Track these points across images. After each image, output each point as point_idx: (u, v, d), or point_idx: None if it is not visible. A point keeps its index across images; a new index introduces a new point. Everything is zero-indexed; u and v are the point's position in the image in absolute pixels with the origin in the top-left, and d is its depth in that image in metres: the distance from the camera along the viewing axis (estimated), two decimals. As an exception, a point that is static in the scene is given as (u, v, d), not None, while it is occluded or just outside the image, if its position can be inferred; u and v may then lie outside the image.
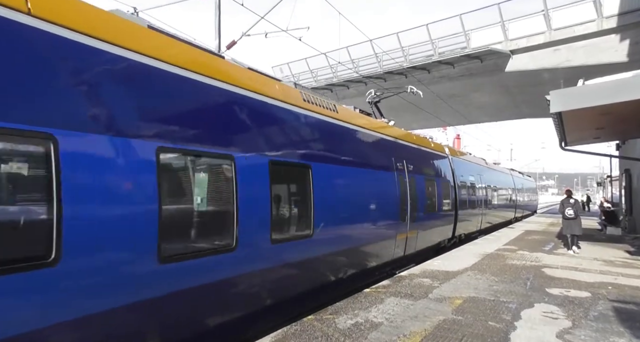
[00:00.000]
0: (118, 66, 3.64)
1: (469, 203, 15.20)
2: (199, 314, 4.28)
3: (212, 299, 4.36)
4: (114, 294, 3.40)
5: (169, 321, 3.96)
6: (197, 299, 4.17)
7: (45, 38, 3.13)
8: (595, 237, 15.53)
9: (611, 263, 9.57)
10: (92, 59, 3.45)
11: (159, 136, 3.81)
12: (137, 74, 3.80)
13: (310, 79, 26.21)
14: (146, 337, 3.79)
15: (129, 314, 3.54)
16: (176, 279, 3.89)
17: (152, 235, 3.64)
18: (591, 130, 11.02)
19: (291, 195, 6.13)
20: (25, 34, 3.00)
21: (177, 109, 4.18)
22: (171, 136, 3.93)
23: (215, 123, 4.59)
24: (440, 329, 4.76)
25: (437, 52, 21.43)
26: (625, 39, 15.93)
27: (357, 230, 7.40)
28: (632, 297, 6.42)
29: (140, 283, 3.60)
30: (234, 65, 5.38)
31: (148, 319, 3.76)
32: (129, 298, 3.51)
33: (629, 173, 19.55)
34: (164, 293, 3.80)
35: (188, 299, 4.06)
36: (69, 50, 3.29)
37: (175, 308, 3.98)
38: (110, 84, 3.54)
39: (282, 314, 5.61)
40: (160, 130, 3.87)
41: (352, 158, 7.41)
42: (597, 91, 7.45)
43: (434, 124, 34.30)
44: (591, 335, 4.65)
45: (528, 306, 5.82)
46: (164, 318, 3.90)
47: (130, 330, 3.63)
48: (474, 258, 9.90)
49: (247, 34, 13.63)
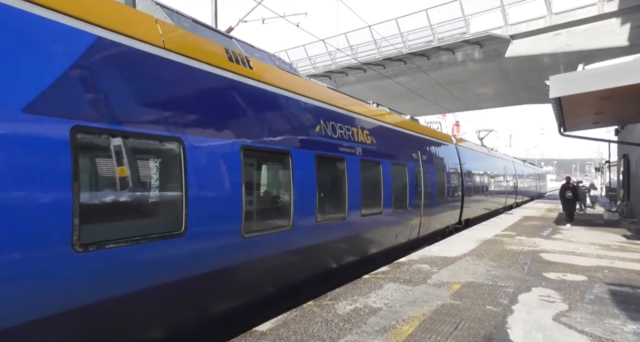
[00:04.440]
0: (232, 91, 4.90)
1: (474, 189, 16.37)
2: (268, 276, 5.38)
3: (283, 265, 5.65)
4: (220, 256, 4.52)
5: (252, 281, 5.13)
6: (269, 264, 5.34)
7: (199, 74, 4.50)
8: (592, 222, 15.64)
9: (608, 247, 9.66)
10: (219, 86, 4.73)
11: (243, 137, 4.86)
12: (242, 95, 5.03)
13: (308, 66, 25.99)
14: (237, 289, 4.94)
15: (229, 273, 4.67)
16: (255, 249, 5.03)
17: (238, 214, 4.70)
18: (590, 116, 10.99)
19: (333, 184, 7.05)
20: (183, 70, 4.31)
21: (260, 118, 5.28)
22: (251, 137, 5.00)
23: (280, 126, 5.64)
24: (438, 313, 4.83)
25: (437, 38, 21.21)
26: (626, 22, 15.77)
27: (382, 214, 8.39)
28: (628, 280, 6.50)
29: (231, 250, 4.68)
30: (313, 84, 7.02)
31: (238, 277, 4.88)
32: (228, 262, 4.63)
33: (627, 158, 19.59)
34: (247, 259, 4.92)
35: (263, 264, 5.25)
36: (211, 82, 4.64)
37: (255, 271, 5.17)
38: (219, 104, 4.67)
39: (331, 280, 6.82)
40: (245, 133, 4.92)
41: (380, 151, 8.46)
42: (597, 76, 7.41)
43: (433, 110, 34.19)
44: (587, 317, 4.72)
45: (525, 290, 5.89)
46: (247, 279, 5.07)
47: (228, 287, 4.75)
48: (473, 244, 9.98)
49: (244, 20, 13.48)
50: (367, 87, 24.53)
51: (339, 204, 6.91)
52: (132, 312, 3.67)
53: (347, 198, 6.94)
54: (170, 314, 4.09)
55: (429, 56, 21.71)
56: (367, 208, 7.66)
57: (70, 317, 3.14)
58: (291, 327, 4.34)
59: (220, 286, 4.62)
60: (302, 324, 4.43)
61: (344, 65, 24.63)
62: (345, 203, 6.92)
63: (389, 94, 25.14)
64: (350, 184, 7.04)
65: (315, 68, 25.62)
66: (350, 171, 7.06)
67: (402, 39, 22.26)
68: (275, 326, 4.38)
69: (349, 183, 7.00)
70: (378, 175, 8.25)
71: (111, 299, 3.42)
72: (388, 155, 8.88)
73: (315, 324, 4.43)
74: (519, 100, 29.10)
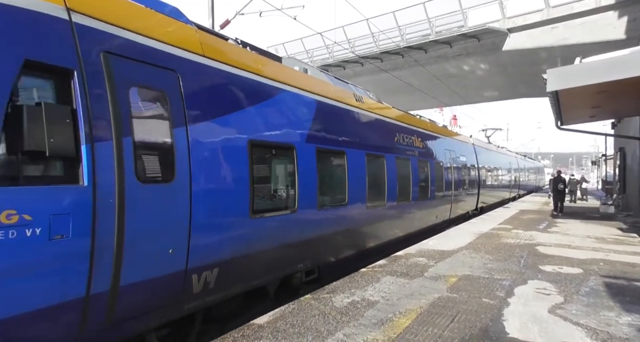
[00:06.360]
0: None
1: (488, 182, 19.37)
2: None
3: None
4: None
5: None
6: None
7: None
8: (588, 215, 15.73)
9: (603, 240, 9.73)
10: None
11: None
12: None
13: (305, 59, 25.83)
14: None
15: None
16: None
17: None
18: (587, 109, 11.00)
19: (416, 178, 10.22)
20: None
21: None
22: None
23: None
24: (435, 306, 4.86)
25: (434, 32, 21.13)
26: (623, 15, 15.75)
27: (430, 199, 11.42)
28: (623, 272, 6.55)
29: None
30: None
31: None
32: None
33: (623, 152, 19.67)
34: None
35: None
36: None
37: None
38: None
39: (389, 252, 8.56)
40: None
41: (427, 153, 11.31)
42: (594, 69, 7.39)
43: (431, 104, 34.12)
44: (582, 309, 4.76)
45: (522, 282, 5.93)
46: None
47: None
48: (469, 237, 10.03)
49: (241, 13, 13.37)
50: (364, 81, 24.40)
51: (423, 190, 10.84)
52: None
53: (431, 186, 11.28)
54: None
55: (427, 50, 21.63)
56: (425, 193, 10.97)
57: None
58: (289, 320, 4.36)
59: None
60: (300, 317, 4.45)
61: (342, 59, 24.52)
62: (429, 189, 11.19)
63: (386, 87, 25.07)
64: (414, 177, 10.04)
65: (312, 61, 25.48)
66: (414, 169, 10.07)
67: (400, 32, 22.16)
68: (272, 318, 4.40)
69: (414, 177, 10.09)
70: (428, 171, 11.08)
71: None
72: (431, 155, 11.61)
73: (313, 317, 4.45)
74: (517, 93, 29.10)
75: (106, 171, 3.18)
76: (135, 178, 3.41)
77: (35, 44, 2.92)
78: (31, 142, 2.77)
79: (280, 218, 5.35)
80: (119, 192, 3.26)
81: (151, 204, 3.53)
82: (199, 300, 4.19)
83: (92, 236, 3.07)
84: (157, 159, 3.67)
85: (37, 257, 2.79)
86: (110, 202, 3.20)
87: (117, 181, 3.25)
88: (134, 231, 3.36)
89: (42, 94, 3.04)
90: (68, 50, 3.09)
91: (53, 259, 2.88)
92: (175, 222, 3.77)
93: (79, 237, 3.01)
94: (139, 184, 3.44)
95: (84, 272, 3.05)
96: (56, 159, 2.99)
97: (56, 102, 3.05)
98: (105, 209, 3.16)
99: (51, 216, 2.84)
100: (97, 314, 3.18)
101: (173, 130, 3.81)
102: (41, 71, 2.99)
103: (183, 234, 3.83)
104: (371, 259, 7.82)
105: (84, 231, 3.03)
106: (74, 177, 3.05)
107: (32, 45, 2.90)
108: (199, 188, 4.00)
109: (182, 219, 3.81)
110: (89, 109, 3.12)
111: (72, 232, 2.96)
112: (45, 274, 2.86)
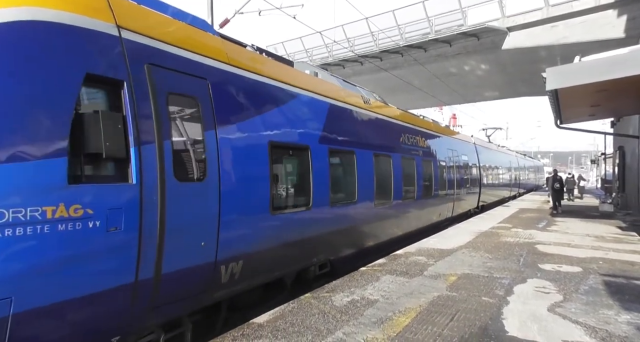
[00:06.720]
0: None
1: (489, 180, 19.67)
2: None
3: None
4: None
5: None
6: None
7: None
8: (587, 213, 15.75)
9: (603, 239, 9.74)
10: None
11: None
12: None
13: (305, 58, 25.82)
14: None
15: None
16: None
17: (370, 193, 7.81)
18: (587, 108, 11.01)
19: (419, 176, 10.55)
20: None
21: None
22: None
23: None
24: (434, 305, 4.87)
25: (434, 30, 21.11)
26: (622, 14, 15.74)
27: (433, 197, 11.69)
28: (622, 271, 6.57)
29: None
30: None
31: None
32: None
33: (622, 150, 19.68)
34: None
35: None
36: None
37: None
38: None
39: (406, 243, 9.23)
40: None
41: (431, 153, 11.66)
42: (594, 68, 7.40)
43: (430, 103, 34.13)
44: (581, 308, 4.77)
45: (521, 281, 5.94)
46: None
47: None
48: (469, 236, 10.03)
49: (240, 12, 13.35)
50: (364, 80, 24.39)
51: (427, 188, 11.18)
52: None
53: (435, 185, 11.61)
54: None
55: (426, 48, 21.61)
56: (429, 192, 11.26)
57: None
58: (288, 319, 4.37)
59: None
60: (300, 316, 4.46)
61: (341, 58, 24.49)
62: (433, 188, 11.49)
63: (386, 86, 25.05)
64: (418, 176, 10.40)
65: (312, 60, 25.46)
66: (419, 168, 10.37)
67: (399, 31, 22.14)
68: (272, 317, 4.40)
69: (419, 176, 10.43)
70: (431, 170, 11.46)
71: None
72: (435, 155, 11.96)
73: (313, 316, 4.46)
74: (516, 92, 29.09)
75: (150, 170, 3.56)
76: (174, 177, 3.77)
77: (94, 59, 3.34)
78: (92, 145, 3.18)
79: (297, 214, 5.73)
80: (160, 189, 3.62)
81: (187, 200, 3.90)
82: (226, 289, 4.57)
83: (140, 229, 3.45)
84: (192, 160, 4.07)
85: (99, 246, 3.19)
86: (154, 199, 3.57)
87: (159, 180, 3.62)
88: (173, 225, 3.72)
89: (99, 103, 3.45)
90: (119, 64, 3.49)
91: (110, 249, 3.27)
92: (207, 218, 4.13)
93: (130, 230, 3.39)
94: (177, 182, 3.80)
95: (133, 261, 3.45)
96: (111, 160, 3.38)
97: (110, 110, 3.44)
98: (150, 205, 3.53)
99: (108, 210, 3.23)
100: (143, 298, 3.59)
101: (204, 133, 4.19)
102: (98, 83, 3.39)
103: (213, 229, 4.19)
104: (371, 258, 7.83)
105: (133, 224, 3.41)
106: (124, 177, 3.44)
107: (91, 60, 3.31)
108: (227, 186, 4.36)
109: (212, 214, 4.18)
110: (136, 115, 3.52)
111: (124, 225, 3.34)
112: (105, 262, 3.25)
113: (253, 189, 4.84)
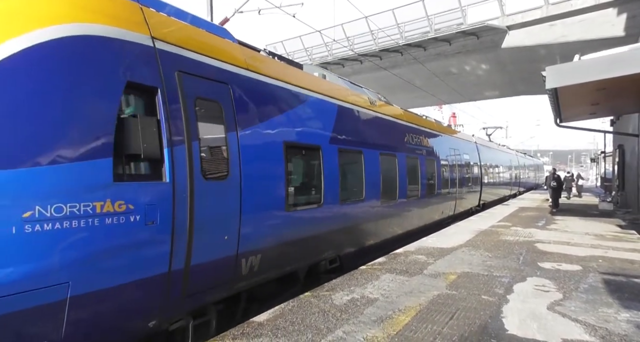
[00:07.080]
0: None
1: (489, 179, 19.95)
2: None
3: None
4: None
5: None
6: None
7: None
8: (587, 212, 15.76)
9: (602, 237, 9.75)
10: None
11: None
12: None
13: (304, 57, 25.80)
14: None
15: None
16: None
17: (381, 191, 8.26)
18: (586, 106, 11.01)
19: (425, 175, 10.96)
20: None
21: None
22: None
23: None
24: (434, 303, 4.88)
25: (433, 29, 21.08)
26: (622, 13, 15.72)
27: (436, 196, 12.00)
28: (622, 269, 6.57)
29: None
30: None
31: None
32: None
33: (622, 149, 19.67)
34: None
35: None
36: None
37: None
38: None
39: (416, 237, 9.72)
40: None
41: (434, 152, 11.92)
42: (593, 66, 7.39)
43: (430, 102, 34.12)
44: (581, 306, 4.78)
45: (520, 280, 5.95)
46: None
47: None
48: (469, 235, 10.04)
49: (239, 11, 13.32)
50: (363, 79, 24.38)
51: (431, 187, 11.51)
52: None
53: (438, 183, 11.97)
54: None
55: (426, 47, 21.59)
56: (432, 190, 11.64)
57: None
58: (288, 317, 4.37)
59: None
60: (299, 314, 4.47)
61: (341, 57, 24.46)
62: (436, 186, 11.87)
63: (385, 85, 25.03)
64: (422, 175, 10.70)
65: (311, 59, 25.44)
66: (422, 167, 10.72)
67: (399, 30, 22.12)
68: (272, 316, 4.41)
69: (423, 175, 10.73)
70: (434, 169, 11.79)
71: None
72: (437, 154, 12.26)
73: (312, 314, 4.47)
74: (516, 91, 29.08)
75: (181, 169, 3.87)
76: (201, 176, 4.08)
77: (134, 69, 3.65)
78: (132, 146, 3.48)
79: (309, 211, 6.07)
80: (190, 187, 3.92)
81: (212, 197, 4.21)
82: (246, 281, 4.87)
83: (172, 224, 3.76)
84: (216, 160, 4.38)
85: (139, 238, 3.52)
86: (184, 196, 3.88)
87: (188, 178, 3.92)
88: (201, 220, 4.03)
89: (138, 108, 3.75)
90: (154, 72, 3.81)
91: (148, 241, 3.60)
92: (229, 213, 4.45)
93: (164, 224, 3.71)
94: (204, 180, 4.11)
95: (167, 252, 3.77)
96: (148, 160, 3.69)
97: (146, 114, 3.74)
98: (181, 201, 3.85)
99: (146, 206, 3.55)
100: (176, 286, 3.91)
101: (227, 135, 4.49)
102: (137, 90, 3.70)
103: (235, 224, 4.50)
104: (371, 256, 7.84)
105: (167, 219, 3.73)
106: (159, 175, 3.75)
107: (132, 69, 3.62)
108: (247, 184, 4.66)
109: (234, 210, 4.50)
110: (168, 119, 3.83)
111: (159, 220, 3.66)
112: (143, 252, 3.57)
113: (270, 187, 5.17)
